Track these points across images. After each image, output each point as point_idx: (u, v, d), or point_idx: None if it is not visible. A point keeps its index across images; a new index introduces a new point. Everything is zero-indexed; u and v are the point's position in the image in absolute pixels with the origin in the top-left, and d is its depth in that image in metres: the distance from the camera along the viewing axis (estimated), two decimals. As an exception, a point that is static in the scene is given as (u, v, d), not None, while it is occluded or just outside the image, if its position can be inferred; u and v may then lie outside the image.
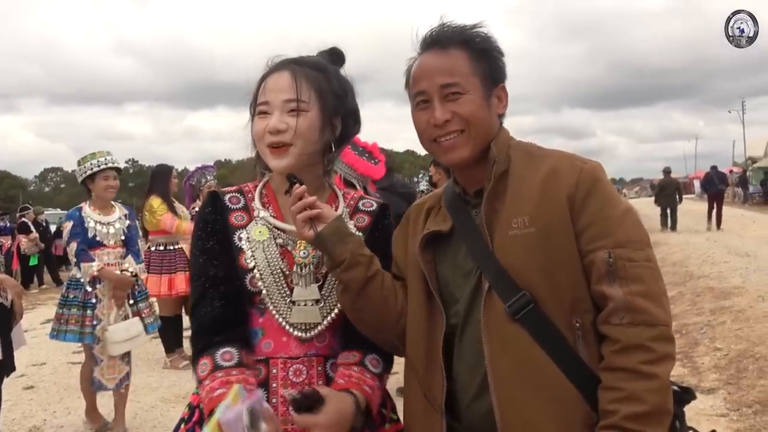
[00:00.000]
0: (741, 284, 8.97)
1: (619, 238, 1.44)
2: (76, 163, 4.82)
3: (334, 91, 1.67)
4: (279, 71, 1.64)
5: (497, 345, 1.45)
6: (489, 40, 1.60)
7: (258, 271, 1.61)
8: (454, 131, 1.54)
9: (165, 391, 6.00)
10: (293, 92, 1.60)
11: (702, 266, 11.23)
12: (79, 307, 4.64)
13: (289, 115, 1.60)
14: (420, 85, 1.57)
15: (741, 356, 5.70)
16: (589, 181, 1.48)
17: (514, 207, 1.49)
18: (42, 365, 7.14)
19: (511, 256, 1.47)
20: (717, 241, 15.17)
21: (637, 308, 1.39)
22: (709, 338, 6.50)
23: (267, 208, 1.71)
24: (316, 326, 1.63)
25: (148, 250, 6.84)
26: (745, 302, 7.74)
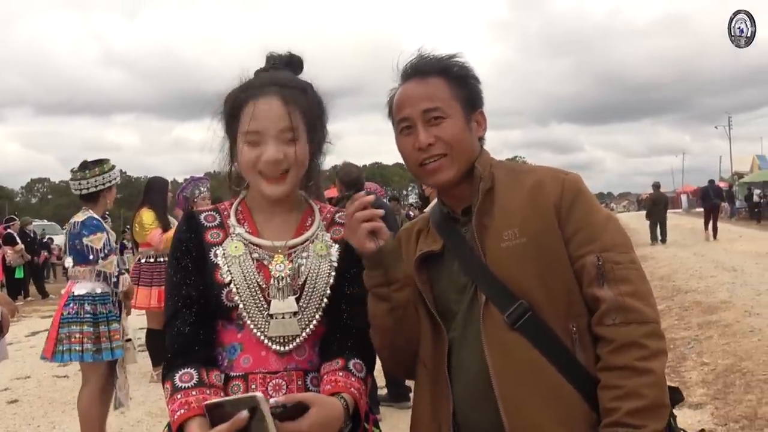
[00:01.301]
0: (728, 299, 9.04)
1: (605, 243, 1.52)
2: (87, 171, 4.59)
3: (315, 112, 1.69)
4: (267, 96, 1.61)
5: (499, 353, 1.50)
6: (466, 68, 1.68)
7: (234, 286, 1.61)
8: (438, 155, 1.60)
9: (152, 405, 5.95)
10: (288, 120, 1.59)
11: (689, 281, 11.30)
12: (91, 323, 4.44)
13: (285, 144, 1.60)
14: (403, 111, 1.64)
15: (728, 371, 5.72)
16: (573, 190, 1.57)
17: (504, 220, 1.56)
18: (26, 379, 7.07)
19: (505, 267, 1.53)
20: (704, 256, 15.27)
21: (627, 308, 1.46)
22: (697, 353, 6.52)
23: (242, 224, 1.71)
24: (295, 339, 1.62)
25: (138, 262, 6.79)
26: (732, 317, 7.78)
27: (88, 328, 4.41)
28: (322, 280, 1.66)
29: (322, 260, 1.68)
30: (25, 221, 18.27)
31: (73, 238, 4.53)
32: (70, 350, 4.38)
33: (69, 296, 4.47)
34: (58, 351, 4.38)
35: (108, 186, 4.64)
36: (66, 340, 4.37)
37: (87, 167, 4.60)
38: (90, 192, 4.59)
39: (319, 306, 1.64)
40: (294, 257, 1.66)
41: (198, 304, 1.63)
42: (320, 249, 1.69)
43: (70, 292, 4.49)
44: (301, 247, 1.68)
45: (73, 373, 6.41)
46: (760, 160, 43.44)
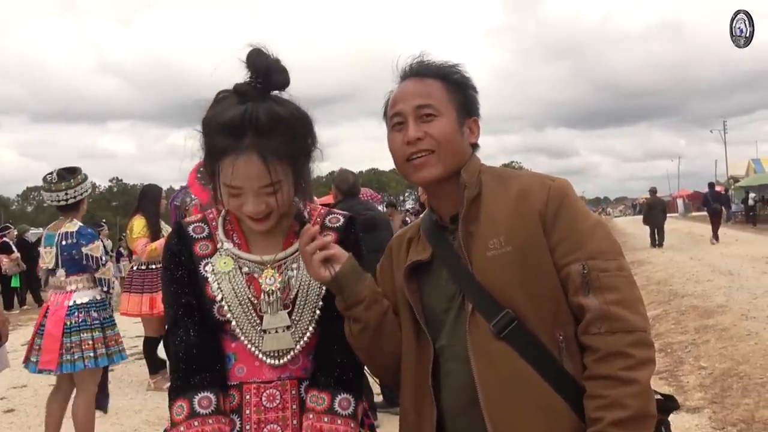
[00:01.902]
0: (725, 303, 9.04)
1: (591, 250, 1.50)
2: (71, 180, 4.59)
3: (301, 145, 1.61)
4: (247, 154, 1.49)
5: (484, 363, 1.49)
6: (465, 77, 1.68)
7: (226, 303, 1.60)
8: (425, 150, 1.59)
9: (149, 413, 5.93)
10: (268, 178, 1.51)
11: (686, 285, 11.31)
12: (99, 329, 4.52)
13: (266, 195, 1.55)
14: (396, 107, 1.63)
15: (725, 375, 5.72)
16: (558, 197, 1.54)
17: (490, 228, 1.55)
18: (23, 388, 7.04)
19: (491, 276, 1.52)
20: (701, 260, 15.29)
21: (613, 316, 1.44)
22: (694, 357, 6.53)
23: (231, 236, 1.68)
24: (289, 352, 1.62)
25: (131, 269, 6.82)
26: (729, 321, 7.79)
27: (98, 334, 4.51)
28: (314, 292, 1.65)
29: None
30: (23, 229, 18.20)
31: (70, 248, 4.51)
32: (83, 358, 4.40)
33: (70, 306, 4.48)
34: (65, 361, 4.38)
35: (87, 194, 4.69)
36: (76, 349, 4.39)
37: (65, 177, 4.58)
38: (70, 203, 4.60)
39: (312, 318, 1.64)
40: (284, 270, 1.65)
41: (199, 311, 1.63)
42: None
43: (69, 302, 4.48)
44: (291, 259, 1.66)
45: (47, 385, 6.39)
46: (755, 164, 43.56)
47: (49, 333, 4.43)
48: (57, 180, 4.54)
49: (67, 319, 4.43)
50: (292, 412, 1.62)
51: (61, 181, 4.54)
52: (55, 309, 4.49)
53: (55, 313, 4.48)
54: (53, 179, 4.55)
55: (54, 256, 4.55)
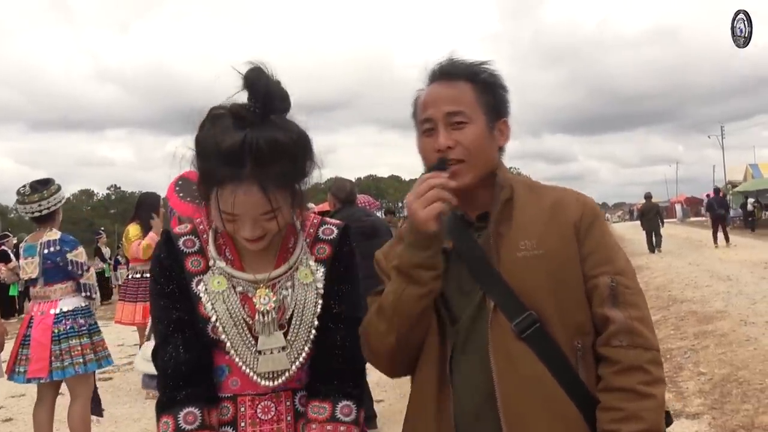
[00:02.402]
0: (723, 308, 9.05)
1: (618, 267, 1.55)
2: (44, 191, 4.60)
3: (299, 169, 1.55)
4: (246, 185, 1.42)
5: (504, 362, 1.48)
6: (494, 76, 1.66)
7: (220, 324, 1.56)
8: (455, 160, 1.57)
9: (148, 422, 5.90)
10: (267, 206, 1.46)
11: (685, 290, 11.32)
12: (87, 335, 4.57)
13: (264, 220, 1.50)
14: (427, 112, 1.61)
15: (725, 380, 5.72)
16: (592, 213, 1.61)
17: (521, 231, 1.55)
18: (21, 397, 7.00)
19: (519, 277, 1.51)
20: (699, 265, 15.30)
21: (636, 332, 1.48)
22: (693, 363, 6.52)
23: (223, 251, 1.62)
24: (284, 373, 1.59)
25: (126, 278, 6.85)
26: (728, 326, 7.80)
27: (86, 340, 4.55)
28: (309, 311, 1.60)
29: (308, 289, 1.61)
30: (22, 237, 18.13)
31: (54, 256, 4.54)
32: (72, 364, 4.45)
33: (57, 313, 4.51)
34: (55, 368, 4.41)
35: (61, 204, 4.72)
36: (66, 355, 4.43)
37: (37, 189, 4.61)
38: (44, 214, 4.61)
39: (308, 338, 1.60)
40: (278, 289, 1.61)
41: (190, 327, 1.59)
42: (304, 277, 1.62)
43: (56, 309, 4.52)
44: (285, 277, 1.61)
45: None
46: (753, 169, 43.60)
47: (37, 342, 4.43)
48: (30, 192, 4.59)
49: (55, 327, 4.47)
50: (287, 424, 1.61)
51: (33, 192, 4.59)
52: (40, 318, 4.51)
53: (41, 322, 4.49)
54: (26, 191, 4.59)
55: (37, 265, 4.57)
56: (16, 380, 4.53)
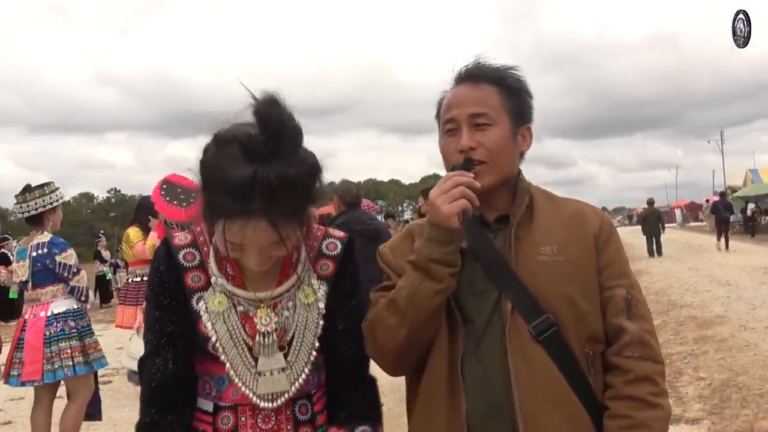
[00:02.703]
0: (723, 313, 9.05)
1: (632, 281, 1.61)
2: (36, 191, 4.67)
3: (308, 200, 1.47)
4: (255, 221, 1.37)
5: (522, 363, 1.49)
6: (520, 81, 1.67)
7: (220, 345, 1.54)
8: (477, 161, 1.56)
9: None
10: (275, 237, 1.41)
11: (684, 295, 11.31)
12: (77, 338, 4.58)
13: (272, 249, 1.46)
14: (451, 112, 1.62)
15: (724, 386, 5.72)
16: (609, 227, 1.65)
17: (542, 236, 1.58)
18: (20, 400, 6.99)
19: (538, 280, 1.53)
20: (699, 270, 15.30)
21: (647, 344, 1.53)
22: (693, 368, 6.52)
23: (224, 266, 1.58)
24: (284, 394, 1.57)
25: (126, 281, 6.84)
26: (728, 331, 7.80)
27: (76, 343, 4.56)
28: (311, 333, 1.58)
29: (310, 310, 1.59)
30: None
31: (43, 258, 4.56)
32: (62, 366, 4.47)
33: (48, 316, 4.54)
34: (47, 371, 4.44)
35: (50, 207, 4.70)
36: (56, 358, 4.46)
37: (27, 190, 4.67)
38: (32, 214, 4.66)
39: (308, 360, 1.58)
40: (279, 309, 1.58)
41: (181, 340, 1.57)
42: (306, 297, 1.59)
43: (47, 312, 4.54)
44: (287, 296, 1.59)
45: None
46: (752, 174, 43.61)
47: (30, 345, 4.46)
48: (20, 192, 4.67)
49: (46, 329, 4.50)
50: None
51: (24, 192, 4.66)
52: (33, 321, 4.54)
53: (33, 325, 4.52)
54: (19, 192, 4.68)
55: (27, 268, 4.60)
56: (11, 384, 4.54)
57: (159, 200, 4.64)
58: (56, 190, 4.76)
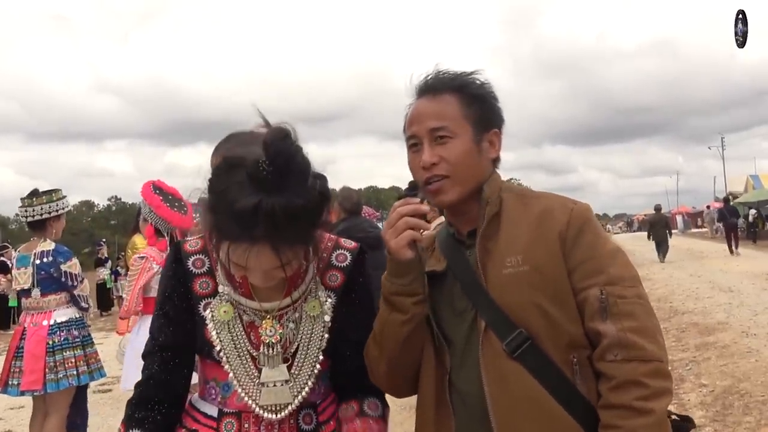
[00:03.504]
0: (725, 320, 9.03)
1: (611, 276, 1.48)
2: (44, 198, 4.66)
3: (318, 224, 1.47)
4: (258, 246, 1.38)
5: (497, 382, 1.46)
6: (482, 86, 1.63)
7: (224, 354, 1.56)
8: (440, 175, 1.55)
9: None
10: (277, 262, 1.41)
11: (686, 302, 11.28)
12: (80, 347, 4.57)
13: (276, 273, 1.46)
14: (412, 128, 1.60)
15: (726, 392, 5.69)
16: (580, 220, 1.53)
17: (507, 246, 1.52)
18: (20, 408, 6.98)
19: (505, 294, 1.49)
20: (701, 277, 15.26)
21: (630, 344, 1.42)
22: (695, 374, 6.50)
23: (233, 276, 1.57)
24: (287, 406, 1.57)
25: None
26: (730, 338, 7.78)
27: (80, 352, 4.56)
28: (315, 346, 1.59)
29: (315, 322, 1.60)
30: (20, 249, 18.11)
31: (47, 267, 4.54)
32: (66, 376, 4.45)
33: (51, 325, 4.51)
34: (50, 380, 4.40)
35: (55, 215, 4.68)
36: (60, 367, 4.42)
37: (35, 195, 4.65)
38: (36, 219, 4.62)
39: (312, 373, 1.59)
40: (285, 321, 1.59)
41: (172, 351, 1.62)
42: (312, 309, 1.60)
43: (50, 321, 4.51)
44: (293, 308, 1.60)
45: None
46: (753, 179, 43.57)
47: (30, 354, 4.42)
48: (27, 196, 4.65)
49: (50, 338, 4.47)
50: None
51: (33, 197, 4.65)
52: (34, 330, 4.50)
53: (35, 334, 4.48)
54: (26, 195, 4.66)
55: (30, 276, 4.56)
56: (9, 393, 4.49)
57: (162, 206, 4.58)
58: (63, 198, 4.75)
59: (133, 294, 4.40)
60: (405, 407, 5.36)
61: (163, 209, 4.52)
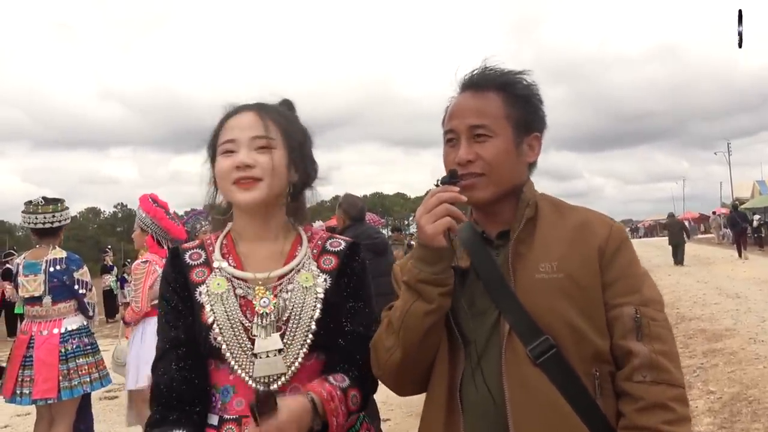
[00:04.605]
0: (732, 326, 8.99)
1: (645, 297, 1.48)
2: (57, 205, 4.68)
3: (296, 131, 1.67)
4: (243, 111, 1.64)
5: (518, 387, 1.44)
6: (529, 88, 1.60)
7: (217, 326, 1.56)
8: (474, 173, 1.53)
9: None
10: (261, 129, 1.60)
11: (693, 308, 11.24)
12: (92, 354, 4.59)
13: (257, 152, 1.58)
14: (451, 123, 1.58)
15: (734, 399, 5.66)
16: (619, 238, 1.53)
17: (542, 252, 1.50)
18: (27, 415, 6.98)
19: (535, 299, 1.47)
20: (708, 283, 15.21)
21: (660, 367, 1.41)
22: (703, 381, 6.46)
23: (227, 258, 1.66)
24: (280, 377, 1.57)
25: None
26: (737, 344, 7.74)
27: (92, 359, 4.57)
28: (307, 315, 1.59)
29: (307, 292, 1.61)
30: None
31: (60, 274, 4.53)
32: (81, 383, 4.47)
33: (63, 333, 4.50)
34: (64, 387, 4.39)
35: (65, 224, 4.73)
36: (74, 375, 4.43)
37: (51, 202, 4.66)
38: (48, 227, 4.62)
39: (304, 342, 1.58)
40: (279, 291, 1.61)
41: (186, 346, 1.61)
42: (305, 280, 1.62)
43: (61, 329, 4.50)
44: (286, 279, 1.62)
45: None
46: (760, 185, 43.46)
47: (42, 362, 4.39)
48: (44, 203, 4.63)
49: (62, 346, 4.47)
50: None
51: (48, 204, 4.64)
52: (44, 338, 4.47)
53: (46, 342, 4.45)
54: (39, 202, 4.63)
55: (41, 283, 4.52)
56: (19, 402, 4.46)
57: (164, 218, 4.71)
58: (68, 208, 4.80)
59: (144, 293, 4.49)
60: (411, 414, 5.40)
61: (165, 221, 4.67)
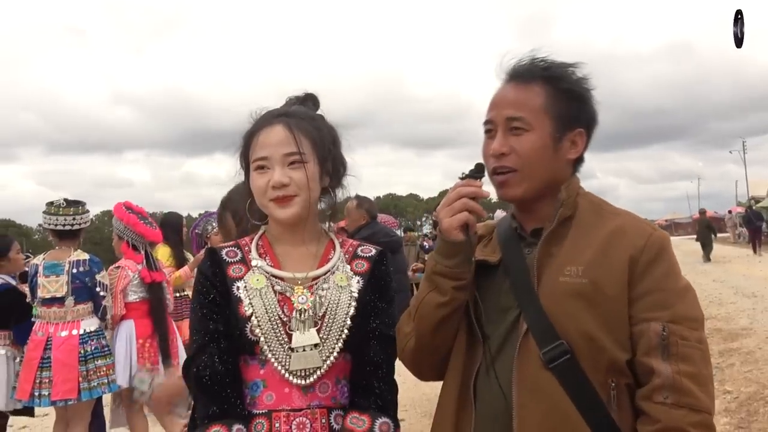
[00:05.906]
0: (749, 325, 8.92)
1: (677, 314, 1.40)
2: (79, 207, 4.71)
3: (326, 139, 1.71)
4: (271, 125, 1.66)
5: (527, 390, 1.41)
6: (578, 82, 1.55)
7: (256, 318, 1.60)
8: (507, 168, 1.50)
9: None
10: (292, 145, 1.63)
11: (709, 307, 11.15)
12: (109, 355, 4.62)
13: (290, 168, 1.63)
14: (489, 113, 1.56)
15: (751, 399, 5.62)
16: (657, 248, 1.44)
17: (571, 254, 1.46)
18: (44, 417, 7.04)
19: (555, 302, 1.43)
20: (723, 282, 15.09)
21: (683, 389, 1.34)
22: (719, 381, 6.41)
23: (264, 257, 1.71)
24: (316, 371, 1.61)
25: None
26: (754, 344, 7.68)
27: (109, 360, 4.60)
28: (342, 311, 1.65)
29: (342, 291, 1.67)
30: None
31: (83, 276, 4.55)
32: (99, 384, 4.49)
33: (82, 334, 4.53)
34: (84, 389, 4.42)
35: (85, 226, 4.78)
36: (93, 376, 4.46)
37: (73, 204, 4.69)
38: (74, 229, 4.66)
39: (339, 337, 1.63)
40: (315, 289, 1.66)
41: (225, 338, 1.63)
42: (340, 280, 1.69)
43: (79, 330, 4.52)
44: (322, 279, 1.68)
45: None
46: (776, 183, 43.08)
47: (61, 363, 4.40)
48: (66, 205, 4.65)
49: (81, 348, 4.49)
50: None
51: (69, 206, 4.66)
52: (63, 339, 4.48)
53: (65, 343, 4.46)
54: (61, 204, 4.66)
55: (64, 284, 4.53)
56: (37, 404, 4.48)
57: (138, 223, 4.94)
58: (89, 211, 4.84)
59: (116, 299, 4.70)
60: (426, 414, 5.41)
61: (139, 226, 4.88)
